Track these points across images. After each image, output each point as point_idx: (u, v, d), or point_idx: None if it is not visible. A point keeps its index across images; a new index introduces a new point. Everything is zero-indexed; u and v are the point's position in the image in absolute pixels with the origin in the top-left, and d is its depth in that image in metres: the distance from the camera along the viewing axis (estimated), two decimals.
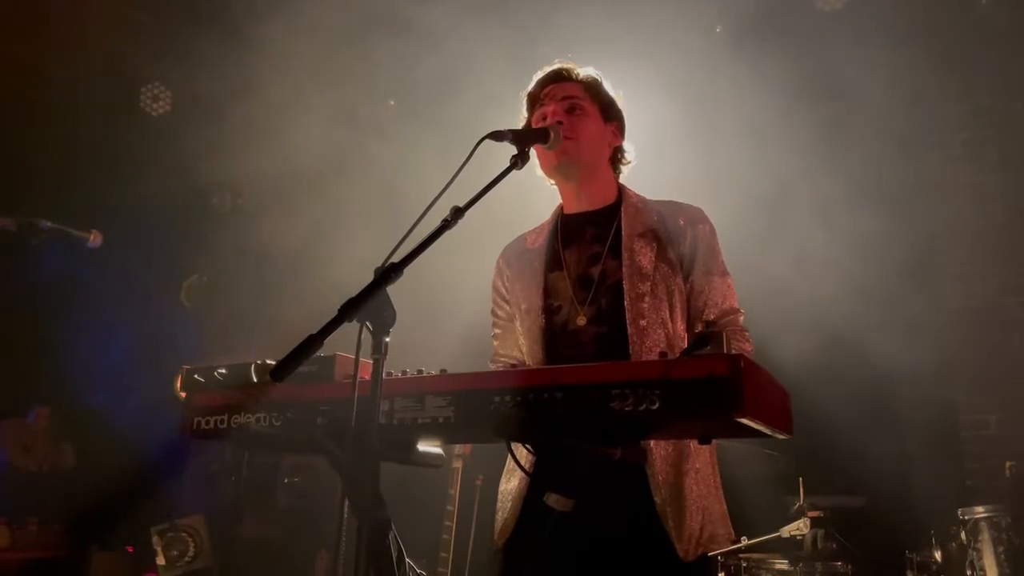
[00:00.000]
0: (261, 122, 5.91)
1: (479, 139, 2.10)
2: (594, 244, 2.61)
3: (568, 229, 2.69)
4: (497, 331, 2.80)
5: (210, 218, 6.81)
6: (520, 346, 2.66)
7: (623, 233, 2.57)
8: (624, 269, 2.51)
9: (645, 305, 2.45)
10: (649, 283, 2.48)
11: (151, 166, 6.05)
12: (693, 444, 2.40)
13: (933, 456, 5.10)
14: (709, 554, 2.38)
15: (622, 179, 2.78)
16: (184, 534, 5.50)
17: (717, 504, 2.45)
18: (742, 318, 2.60)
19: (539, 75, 2.72)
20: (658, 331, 2.44)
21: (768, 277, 4.49)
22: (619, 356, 2.38)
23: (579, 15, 5.38)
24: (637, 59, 4.72)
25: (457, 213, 1.93)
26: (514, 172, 2.19)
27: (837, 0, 5.66)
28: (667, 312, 2.48)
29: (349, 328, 1.72)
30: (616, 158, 2.75)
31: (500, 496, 2.57)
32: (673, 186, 2.83)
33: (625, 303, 2.46)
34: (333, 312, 1.69)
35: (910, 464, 4.90)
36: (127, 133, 6.10)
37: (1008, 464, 4.72)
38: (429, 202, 1.93)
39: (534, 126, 2.64)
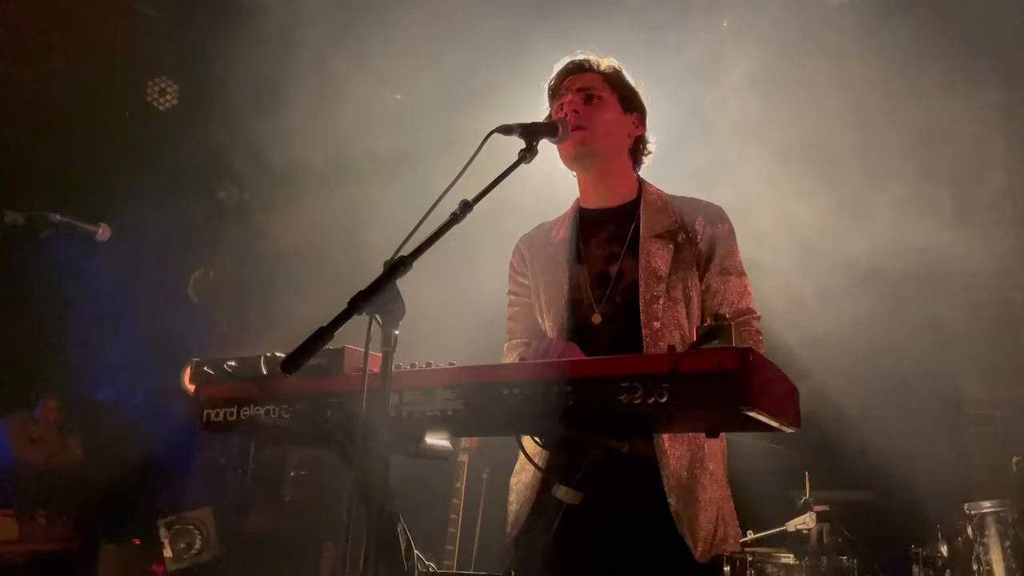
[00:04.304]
0: (268, 116, 5.92)
1: (488, 132, 2.10)
2: (612, 243, 2.60)
3: (588, 225, 2.67)
4: (515, 309, 2.77)
5: (217, 212, 6.81)
6: (542, 327, 2.64)
7: (641, 234, 2.55)
8: (640, 269, 2.49)
9: (659, 307, 2.44)
10: (664, 285, 2.46)
11: (158, 160, 6.06)
12: (707, 445, 2.39)
13: (939, 451, 5.09)
14: (722, 555, 2.38)
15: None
16: (191, 527, 5.51)
17: (728, 505, 2.44)
18: (757, 321, 2.56)
19: (559, 66, 2.69)
20: (673, 333, 2.42)
21: (772, 272, 4.49)
22: (631, 354, 2.35)
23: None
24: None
25: (466, 207, 1.93)
26: (523, 165, 2.18)
27: None
28: (683, 314, 2.46)
29: (359, 321, 1.72)
30: (637, 149, 2.73)
31: (513, 486, 2.56)
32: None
33: (640, 304, 2.45)
34: (343, 305, 1.69)
35: (916, 459, 4.89)
36: (134, 127, 6.11)
37: (1015, 459, 4.71)
38: (438, 195, 1.94)
39: (554, 117, 2.62)
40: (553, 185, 2.84)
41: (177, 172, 6.15)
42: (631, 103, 2.68)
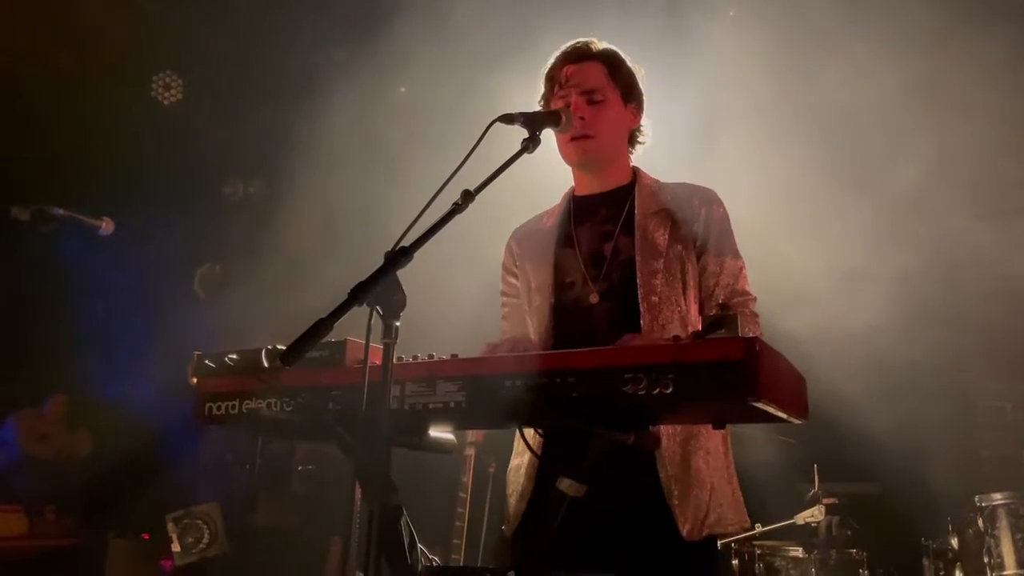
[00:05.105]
0: (273, 110, 5.91)
1: (490, 122, 2.07)
2: (606, 223, 2.59)
3: (581, 209, 2.67)
4: (506, 310, 2.77)
5: (223, 207, 6.81)
6: (528, 325, 2.63)
7: (637, 212, 2.56)
8: (637, 244, 2.49)
9: (658, 282, 2.43)
10: (663, 260, 2.46)
11: (163, 155, 6.05)
12: (704, 426, 2.37)
13: (950, 443, 5.06)
14: (717, 538, 2.36)
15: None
16: (199, 521, 5.52)
17: (728, 487, 2.41)
18: (753, 303, 2.56)
19: (558, 53, 2.66)
20: (671, 308, 2.42)
21: (781, 262, 4.46)
22: (630, 332, 2.31)
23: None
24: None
25: (468, 196, 1.91)
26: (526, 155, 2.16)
27: None
28: (680, 291, 2.46)
29: (360, 313, 1.70)
30: (633, 137, 2.72)
31: (511, 478, 2.55)
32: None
33: (638, 279, 2.44)
34: (344, 297, 1.67)
35: (927, 451, 4.86)
36: (139, 122, 6.10)
37: None
38: (440, 185, 1.91)
39: (553, 107, 2.60)
40: (556, 176, 2.82)
41: (182, 167, 6.14)
42: (630, 93, 2.66)
